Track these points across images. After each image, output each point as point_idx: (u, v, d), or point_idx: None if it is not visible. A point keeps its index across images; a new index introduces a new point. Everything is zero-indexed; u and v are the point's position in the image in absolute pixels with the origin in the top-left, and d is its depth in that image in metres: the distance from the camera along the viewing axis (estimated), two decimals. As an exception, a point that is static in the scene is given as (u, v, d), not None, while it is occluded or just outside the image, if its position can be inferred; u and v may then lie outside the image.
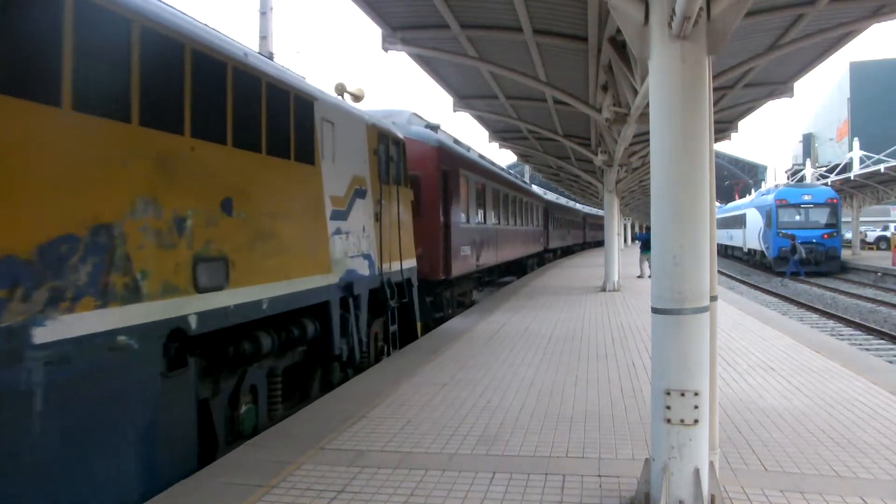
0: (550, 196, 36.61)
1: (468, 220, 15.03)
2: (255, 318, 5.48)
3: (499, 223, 19.33)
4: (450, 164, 13.29)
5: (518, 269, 25.13)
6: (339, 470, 4.53)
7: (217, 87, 5.07)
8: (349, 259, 7.54)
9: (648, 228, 23.77)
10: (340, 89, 8.89)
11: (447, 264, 12.82)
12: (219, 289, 4.91)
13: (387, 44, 9.73)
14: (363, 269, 8.01)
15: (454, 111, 15.15)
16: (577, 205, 50.04)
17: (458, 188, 13.97)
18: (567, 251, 42.89)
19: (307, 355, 7.00)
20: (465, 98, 14.62)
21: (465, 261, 14.27)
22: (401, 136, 9.90)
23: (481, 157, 19.18)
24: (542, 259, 32.03)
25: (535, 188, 31.92)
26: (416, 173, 11.73)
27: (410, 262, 10.20)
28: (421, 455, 4.81)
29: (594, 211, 57.04)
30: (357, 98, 9.12)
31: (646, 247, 21.48)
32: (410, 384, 7.01)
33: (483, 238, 16.66)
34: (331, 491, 4.17)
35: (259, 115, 5.67)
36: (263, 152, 5.69)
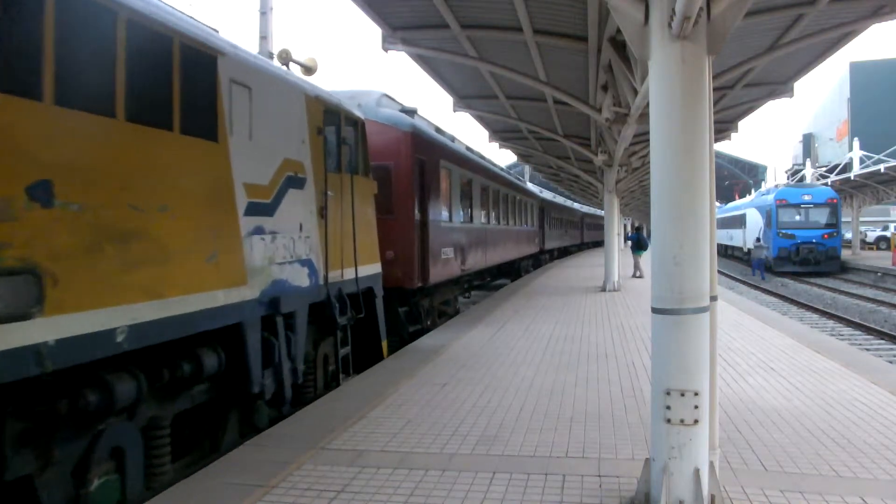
0: (546, 194, 35.18)
1: (451, 219, 13.36)
2: (107, 355, 3.93)
3: (488, 222, 17.65)
4: (427, 153, 11.60)
5: (511, 271, 23.69)
6: (339, 470, 4.53)
7: (28, 13, 3.48)
8: (277, 266, 5.90)
9: (638, 228, 23.81)
10: (285, 56, 7.68)
11: (424, 269, 11.21)
12: (23, 317, 3.33)
13: (387, 44, 9.73)
14: (299, 278, 6.33)
15: (454, 111, 15.15)
16: (575, 204, 48.48)
17: (439, 182, 12.36)
18: (564, 252, 41.42)
19: (216, 394, 5.44)
20: (465, 98, 14.62)
21: (446, 265, 12.68)
22: (360, 115, 8.35)
23: (469, 149, 17.26)
24: (538, 261, 30.41)
25: (530, 186, 30.55)
26: (387, 163, 10.27)
27: (373, 268, 8.58)
28: (421, 455, 4.81)
29: (592, 210, 56.26)
30: (309, 70, 7.72)
31: (637, 246, 21.45)
32: (410, 384, 7.01)
33: (470, 239, 15.10)
34: (331, 491, 4.17)
35: (112, 63, 4.05)
36: (120, 117, 4.10)
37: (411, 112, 11.78)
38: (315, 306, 6.77)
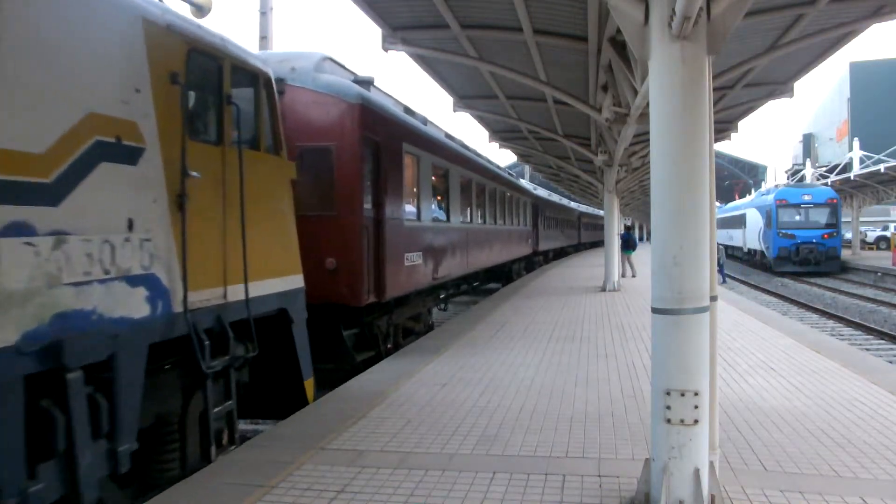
0: (542, 192, 33.15)
1: (420, 217, 10.81)
2: None
3: (471, 221, 15.21)
4: (385, 133, 9.03)
5: (501, 275, 21.70)
6: (339, 470, 4.53)
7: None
8: (67, 290, 3.66)
9: (628, 228, 23.78)
10: None
11: (379, 280, 8.66)
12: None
13: (387, 44, 9.73)
14: (125, 305, 4.13)
15: (454, 111, 15.15)
16: (571, 203, 46.39)
17: (401, 170, 9.74)
18: (560, 253, 39.17)
19: None
20: (465, 98, 14.62)
21: (413, 273, 10.12)
22: (261, 67, 6.03)
23: (450, 137, 14.56)
24: (531, 263, 28.06)
25: (523, 182, 28.08)
26: (326, 144, 7.97)
27: (286, 282, 6.25)
28: (421, 455, 4.81)
29: (590, 209, 54.81)
30: (200, 10, 5.63)
31: (626, 245, 21.36)
32: (410, 384, 7.01)
33: (446, 241, 12.54)
34: (331, 491, 4.17)
35: None
36: None
37: (366, 82, 9.17)
38: (168, 346, 4.68)
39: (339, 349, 8.19)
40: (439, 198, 12.84)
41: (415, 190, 10.74)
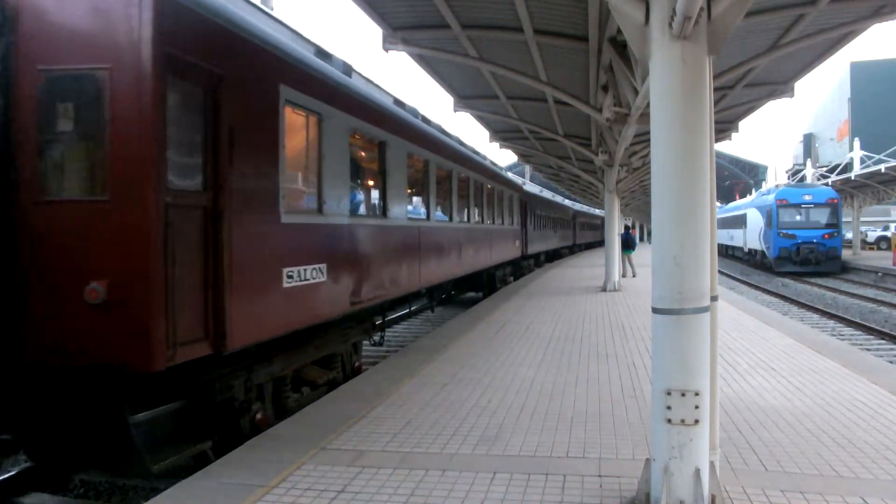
0: (532, 188, 30.75)
1: (322, 208, 6.85)
2: None
3: (427, 218, 11.14)
4: (233, 62, 5.39)
5: (479, 284, 18.03)
6: (339, 470, 4.53)
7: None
8: None
9: (628, 228, 23.68)
10: None
11: (218, 317, 5.02)
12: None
13: (387, 44, 9.74)
14: None
15: (455, 111, 15.17)
16: (566, 200, 43.49)
17: (276, 131, 5.98)
18: (554, 256, 35.54)
19: None
20: (465, 98, 14.63)
21: (303, 298, 6.31)
22: None
23: (399, 103, 10.68)
24: (519, 268, 24.45)
25: (510, 175, 24.53)
26: (90, 68, 4.46)
27: None
28: (421, 455, 4.81)
29: (587, 208, 52.48)
30: None
31: (626, 245, 21.32)
32: (411, 384, 7.01)
33: (381, 245, 8.59)
34: (331, 491, 4.17)
35: None
36: None
37: None
38: None
39: (122, 446, 4.64)
40: (370, 183, 9.44)
41: (314, 167, 6.81)
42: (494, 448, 4.93)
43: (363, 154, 9.10)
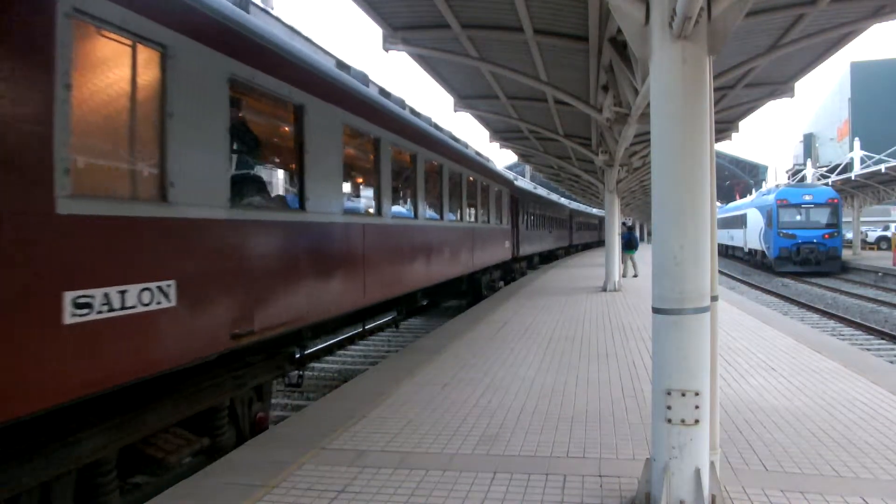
0: (524, 183, 29.05)
1: (163, 193, 4.43)
2: None
3: (378, 213, 8.57)
4: None
5: (458, 293, 15.52)
6: (339, 470, 4.53)
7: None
8: None
9: (630, 228, 23.63)
10: None
11: None
12: None
13: (388, 44, 9.75)
14: None
15: (455, 111, 15.17)
16: (562, 199, 41.34)
17: (50, 48, 3.50)
18: (549, 257, 33.54)
19: None
20: (465, 98, 14.64)
21: (121, 337, 3.97)
22: None
23: (341, 65, 8.57)
24: (510, 271, 22.03)
25: (500, 169, 21.81)
26: None
27: None
28: (421, 455, 4.81)
29: (584, 207, 51.32)
30: None
31: (628, 246, 21.31)
32: (411, 384, 7.01)
33: (293, 247, 6.28)
34: (331, 491, 4.17)
35: None
36: None
37: None
38: None
39: None
40: (276, 160, 7.72)
41: (151, 122, 4.46)
42: (495, 448, 4.93)
43: (261, 119, 6.57)
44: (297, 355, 7.07)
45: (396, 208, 9.76)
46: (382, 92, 10.10)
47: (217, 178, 4.96)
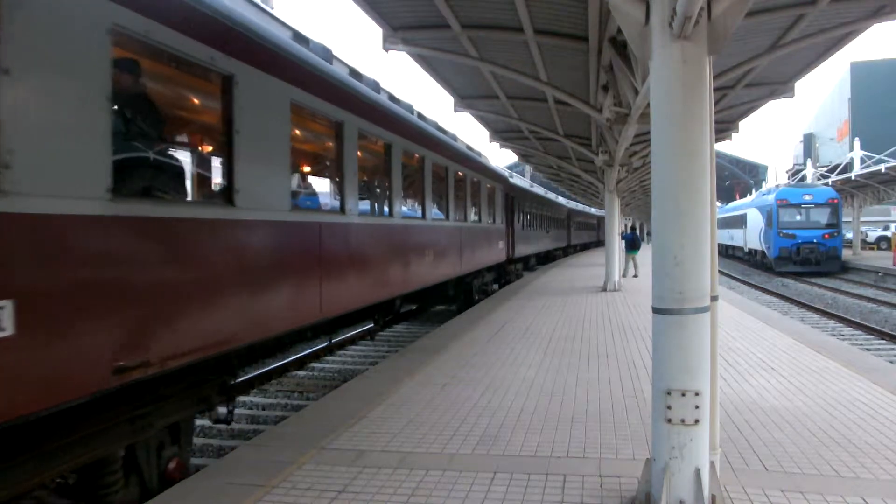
0: (520, 181, 28.08)
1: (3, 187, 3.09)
2: None
3: (341, 211, 7.33)
4: None
5: (445, 297, 14.09)
6: (339, 470, 4.53)
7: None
8: None
9: (633, 228, 23.62)
10: None
11: None
12: None
13: (388, 44, 9.75)
14: None
15: (455, 111, 15.18)
16: (560, 198, 40.38)
17: None
18: (546, 258, 32.49)
19: None
20: (465, 98, 14.64)
21: None
22: None
23: (299, 36, 7.66)
24: (505, 273, 20.74)
25: (493, 165, 19.93)
26: None
27: None
28: (422, 455, 4.81)
29: (583, 207, 50.74)
30: None
31: (630, 246, 21.31)
32: (411, 384, 7.01)
33: (217, 252, 4.90)
34: (331, 491, 4.17)
35: None
36: None
37: None
38: None
39: None
40: (188, 142, 6.13)
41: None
42: (495, 448, 4.93)
43: (166, 88, 5.27)
44: (231, 383, 5.79)
45: (366, 205, 8.90)
46: (353, 73, 8.80)
47: (87, 159, 3.60)
